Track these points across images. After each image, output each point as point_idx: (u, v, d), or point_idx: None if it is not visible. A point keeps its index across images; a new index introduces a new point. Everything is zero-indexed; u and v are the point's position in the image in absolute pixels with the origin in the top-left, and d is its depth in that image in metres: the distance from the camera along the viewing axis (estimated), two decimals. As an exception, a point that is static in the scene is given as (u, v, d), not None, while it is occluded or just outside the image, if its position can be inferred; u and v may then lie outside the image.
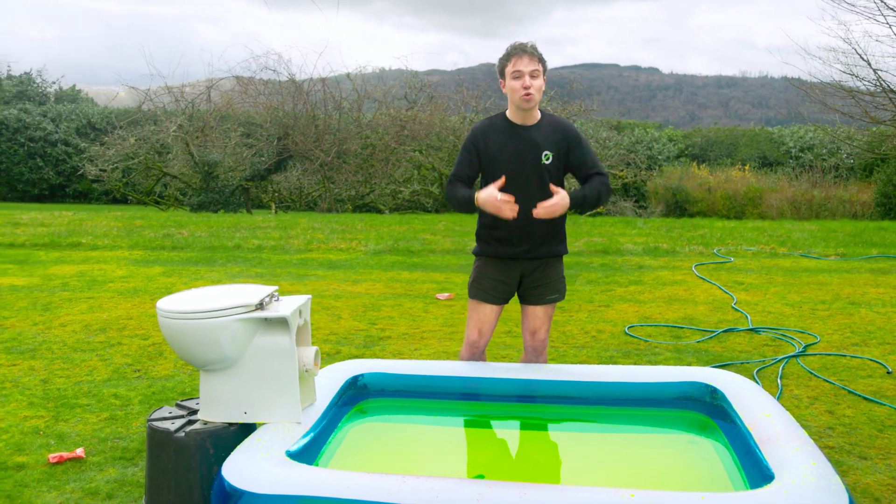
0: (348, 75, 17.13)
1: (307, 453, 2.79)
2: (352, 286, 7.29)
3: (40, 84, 39.91)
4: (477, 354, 3.62)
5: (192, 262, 8.56)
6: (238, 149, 16.58)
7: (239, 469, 2.46)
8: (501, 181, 3.29)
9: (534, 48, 3.35)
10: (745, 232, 10.79)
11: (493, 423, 3.48)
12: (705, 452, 3.10)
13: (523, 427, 3.45)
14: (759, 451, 2.68)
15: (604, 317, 6.08)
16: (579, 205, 3.40)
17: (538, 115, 3.48)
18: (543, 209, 3.25)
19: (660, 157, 28.39)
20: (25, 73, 39.96)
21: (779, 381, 4.52)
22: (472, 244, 9.14)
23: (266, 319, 2.88)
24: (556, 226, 3.49)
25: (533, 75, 3.31)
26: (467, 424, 3.50)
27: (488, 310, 3.55)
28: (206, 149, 16.24)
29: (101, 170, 17.69)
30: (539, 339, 3.58)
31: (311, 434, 2.90)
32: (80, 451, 3.56)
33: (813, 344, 5.27)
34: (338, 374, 3.40)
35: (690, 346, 5.30)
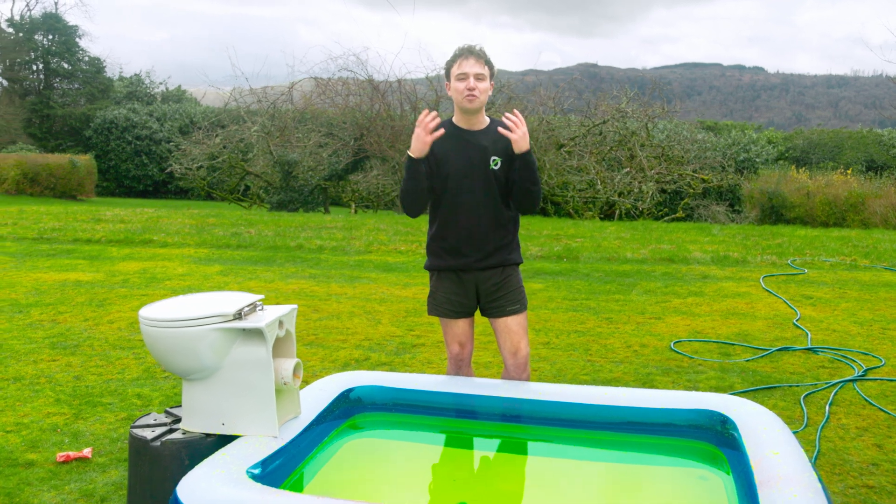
0: (427, 76, 17.13)
1: (277, 470, 2.71)
2: (401, 290, 7.22)
3: (148, 85, 41.96)
4: (464, 366, 3.53)
5: (252, 261, 8.70)
6: (317, 149, 16.85)
7: (191, 486, 2.40)
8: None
9: (481, 51, 3.27)
10: (829, 241, 10.14)
11: (486, 443, 3.32)
12: (709, 490, 2.85)
13: (520, 451, 3.28)
14: (757, 493, 2.43)
15: (651, 330, 5.79)
16: (530, 166, 3.25)
17: (486, 119, 3.37)
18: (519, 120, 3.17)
19: (757, 159, 27.21)
20: (135, 74, 42.14)
21: (827, 407, 4.16)
22: (535, 248, 8.82)
23: (244, 330, 2.82)
24: (506, 234, 3.37)
25: (478, 77, 3.22)
26: (459, 444, 3.35)
27: (457, 324, 3.45)
28: (286, 148, 16.57)
29: (186, 168, 18.35)
30: (522, 357, 3.41)
31: (287, 450, 2.81)
32: (87, 452, 3.60)
33: (875, 367, 4.85)
34: (330, 387, 3.32)
35: (738, 364, 4.97)
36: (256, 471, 2.56)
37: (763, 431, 2.84)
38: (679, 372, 4.82)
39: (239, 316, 2.82)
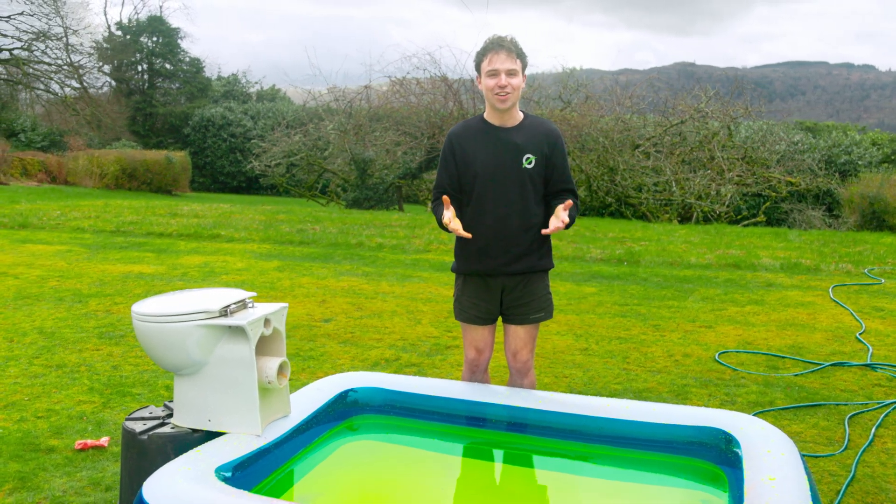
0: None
1: (255, 470, 2.69)
2: (448, 290, 7.15)
3: (244, 84, 43.38)
4: (479, 372, 3.41)
5: (311, 257, 8.81)
6: (393, 147, 17.00)
7: (155, 484, 2.40)
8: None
9: (513, 43, 3.06)
10: (917, 250, 9.49)
11: (483, 451, 3.22)
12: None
13: (516, 461, 3.16)
14: (741, 522, 2.26)
15: (699, 339, 5.53)
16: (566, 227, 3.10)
17: (519, 115, 3.19)
18: (555, 226, 2.98)
19: (859, 162, 25.81)
20: (232, 74, 43.64)
21: (873, 430, 3.87)
22: (596, 251, 8.57)
23: (230, 327, 2.82)
24: (536, 237, 3.19)
25: (510, 74, 3.04)
26: (456, 450, 3.27)
27: (478, 330, 3.31)
28: (362, 147, 16.79)
29: (266, 165, 18.85)
30: (521, 361, 3.29)
31: (270, 449, 2.79)
32: (104, 440, 3.70)
33: (937, 389, 4.48)
34: (327, 387, 3.29)
35: (784, 379, 4.68)
36: (228, 470, 2.55)
37: (766, 454, 2.64)
38: (718, 385, 4.58)
39: (225, 313, 2.82)
